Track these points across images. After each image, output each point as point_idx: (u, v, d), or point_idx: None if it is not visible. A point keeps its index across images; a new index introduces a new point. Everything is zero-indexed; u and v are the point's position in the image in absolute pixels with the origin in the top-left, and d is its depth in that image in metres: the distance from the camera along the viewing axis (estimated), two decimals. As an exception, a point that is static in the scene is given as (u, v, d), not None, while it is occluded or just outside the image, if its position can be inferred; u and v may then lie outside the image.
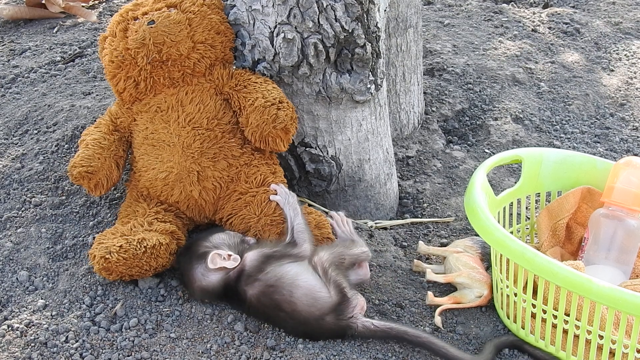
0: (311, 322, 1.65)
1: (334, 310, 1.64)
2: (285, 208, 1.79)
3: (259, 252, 1.72)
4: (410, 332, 1.66)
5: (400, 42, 2.34)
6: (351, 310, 1.65)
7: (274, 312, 1.66)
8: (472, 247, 1.89)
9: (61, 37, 2.94)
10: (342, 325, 1.65)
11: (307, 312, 1.64)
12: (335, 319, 1.64)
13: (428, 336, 1.66)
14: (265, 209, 1.82)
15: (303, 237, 1.75)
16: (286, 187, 1.86)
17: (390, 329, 1.66)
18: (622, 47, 3.02)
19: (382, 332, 1.66)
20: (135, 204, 1.88)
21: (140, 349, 1.63)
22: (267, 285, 1.67)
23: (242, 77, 1.88)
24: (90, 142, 1.88)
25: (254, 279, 1.68)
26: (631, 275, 1.83)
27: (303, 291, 1.65)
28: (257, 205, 1.83)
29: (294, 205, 1.80)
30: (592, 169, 1.94)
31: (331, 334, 1.66)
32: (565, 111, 2.64)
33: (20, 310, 1.72)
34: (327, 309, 1.64)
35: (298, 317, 1.65)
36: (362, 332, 1.66)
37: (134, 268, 1.72)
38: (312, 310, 1.64)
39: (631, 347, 1.54)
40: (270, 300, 1.66)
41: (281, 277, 1.67)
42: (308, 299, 1.64)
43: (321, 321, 1.64)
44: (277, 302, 1.65)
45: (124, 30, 1.84)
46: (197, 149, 1.83)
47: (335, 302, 1.65)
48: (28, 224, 1.97)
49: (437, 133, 2.49)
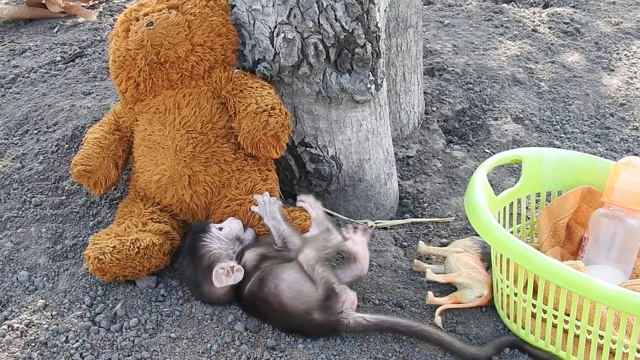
0: (298, 317, 1.65)
1: (322, 306, 1.64)
2: (265, 219, 1.78)
3: (256, 252, 1.75)
4: (402, 322, 1.68)
5: (401, 42, 2.34)
6: (340, 305, 1.65)
7: (264, 306, 1.67)
8: (472, 247, 1.89)
9: (61, 37, 2.94)
10: (331, 321, 1.65)
11: (292, 305, 1.64)
12: (323, 314, 1.64)
13: (420, 325, 1.67)
14: (251, 219, 1.82)
15: (294, 241, 1.75)
16: (275, 193, 1.86)
17: (383, 322, 1.67)
18: (623, 47, 3.02)
19: (375, 326, 1.67)
20: (132, 203, 1.88)
21: (141, 348, 1.63)
22: (257, 279, 1.69)
23: (239, 81, 1.87)
24: (91, 141, 1.89)
25: (250, 276, 1.70)
26: (631, 275, 1.83)
27: (286, 284, 1.65)
28: (243, 215, 1.82)
29: (273, 214, 1.78)
30: (593, 168, 1.94)
31: (321, 330, 1.66)
32: (565, 111, 2.64)
33: (20, 310, 1.72)
34: (313, 304, 1.64)
35: (284, 311, 1.65)
36: (355, 327, 1.66)
37: (127, 269, 1.72)
38: (296, 304, 1.64)
39: (631, 347, 1.54)
40: (260, 293, 1.67)
41: (269, 271, 1.69)
42: (291, 292, 1.65)
43: (309, 316, 1.64)
44: (265, 296, 1.66)
45: (126, 30, 1.84)
46: (190, 152, 1.82)
47: (321, 297, 1.64)
48: (28, 224, 1.97)
49: (437, 133, 2.49)
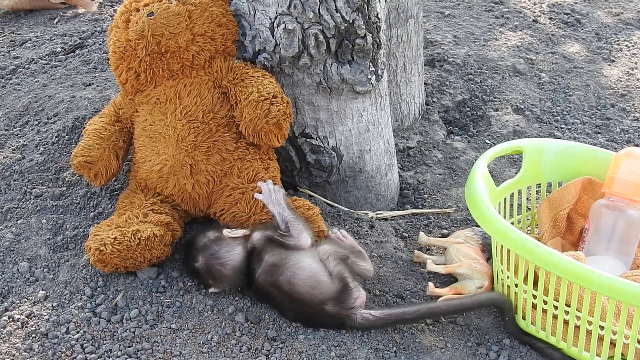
0: (312, 307, 1.65)
1: (336, 298, 1.65)
2: (270, 206, 1.78)
3: (263, 233, 1.75)
4: (408, 311, 1.68)
5: (401, 33, 2.33)
6: (352, 301, 1.66)
7: (276, 292, 1.67)
8: (472, 237, 1.89)
9: (61, 28, 2.93)
10: (342, 315, 1.65)
11: (309, 294, 1.64)
12: (336, 307, 1.65)
13: (426, 304, 1.69)
14: (254, 207, 1.82)
15: (298, 227, 1.74)
16: (278, 182, 1.85)
17: (389, 316, 1.67)
18: (623, 38, 3.01)
19: (382, 321, 1.67)
20: (132, 195, 1.88)
21: (141, 339, 1.63)
22: (271, 265, 1.68)
23: (240, 71, 1.87)
24: (91, 132, 1.89)
25: (260, 258, 1.70)
26: (632, 265, 1.83)
27: (307, 273, 1.66)
28: (246, 203, 1.82)
29: (278, 201, 1.78)
30: (593, 159, 1.93)
31: (330, 322, 1.67)
32: (566, 102, 2.63)
33: (21, 302, 1.72)
34: (329, 295, 1.64)
35: (299, 299, 1.65)
36: (362, 323, 1.66)
37: (128, 260, 1.72)
38: (314, 293, 1.64)
39: (632, 338, 1.54)
40: (273, 279, 1.67)
41: (285, 257, 1.69)
42: (312, 281, 1.65)
43: (322, 307, 1.65)
44: (280, 283, 1.66)
45: (126, 21, 1.83)
46: (191, 142, 1.82)
47: (337, 289, 1.65)
48: (29, 215, 1.97)
49: (438, 124, 2.49)
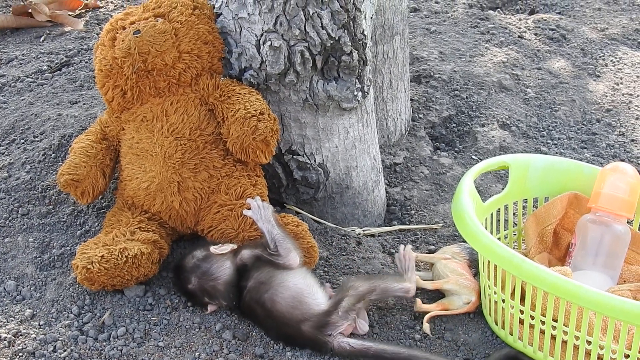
0: (291, 327, 1.64)
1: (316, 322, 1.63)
2: (259, 223, 1.77)
3: (252, 251, 1.74)
4: (388, 350, 1.64)
5: (387, 49, 2.34)
6: (333, 328, 1.64)
7: (259, 310, 1.67)
8: (459, 253, 1.89)
9: (48, 45, 2.93)
10: (319, 340, 1.64)
11: (289, 314, 1.64)
12: (315, 330, 1.63)
13: (408, 350, 1.65)
14: (243, 224, 1.81)
15: (287, 246, 1.73)
16: (265, 198, 1.85)
17: (368, 349, 1.64)
18: (608, 53, 3.04)
19: (359, 352, 1.64)
20: (119, 212, 1.88)
21: (129, 357, 1.63)
22: (259, 282, 1.68)
23: (227, 88, 1.87)
24: (77, 150, 1.89)
25: (249, 276, 1.70)
26: (618, 280, 1.84)
27: (290, 293, 1.65)
28: (235, 220, 1.82)
29: (267, 218, 1.77)
30: (579, 174, 1.94)
31: (308, 345, 1.66)
32: (552, 117, 2.65)
33: (7, 320, 1.71)
34: (309, 317, 1.63)
35: (279, 318, 1.65)
36: (338, 351, 1.64)
37: (115, 278, 1.72)
38: (295, 313, 1.64)
39: (619, 353, 1.55)
40: (258, 296, 1.67)
41: (273, 276, 1.69)
42: (294, 301, 1.64)
43: (300, 328, 1.63)
44: (263, 300, 1.66)
45: (112, 39, 1.83)
46: (179, 159, 1.82)
47: (319, 313, 1.64)
48: (15, 234, 1.96)
49: (424, 140, 2.49)
